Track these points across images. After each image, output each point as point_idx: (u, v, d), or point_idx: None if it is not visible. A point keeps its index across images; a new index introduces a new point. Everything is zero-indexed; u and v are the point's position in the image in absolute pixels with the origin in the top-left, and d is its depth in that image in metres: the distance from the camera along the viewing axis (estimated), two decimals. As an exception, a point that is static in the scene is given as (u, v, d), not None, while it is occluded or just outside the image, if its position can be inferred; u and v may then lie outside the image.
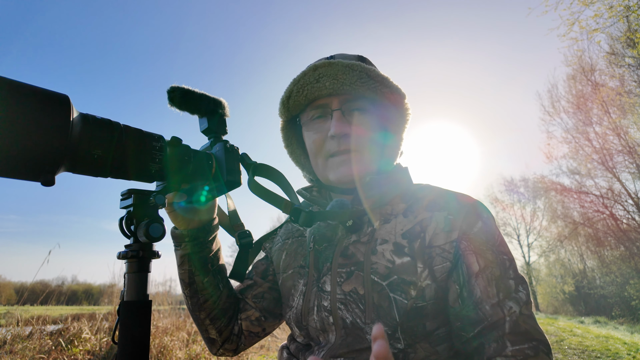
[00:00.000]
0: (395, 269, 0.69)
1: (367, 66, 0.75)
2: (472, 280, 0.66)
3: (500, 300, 0.64)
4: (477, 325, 0.64)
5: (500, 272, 0.67)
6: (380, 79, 0.75)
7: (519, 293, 0.65)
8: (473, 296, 0.66)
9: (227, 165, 0.70)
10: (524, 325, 0.63)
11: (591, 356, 5.88)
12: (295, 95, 0.77)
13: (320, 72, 0.74)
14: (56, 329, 4.18)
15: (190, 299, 0.84)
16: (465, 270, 0.67)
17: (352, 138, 0.75)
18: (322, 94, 0.75)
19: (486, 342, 0.63)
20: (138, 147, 0.56)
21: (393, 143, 0.83)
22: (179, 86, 0.70)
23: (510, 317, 0.63)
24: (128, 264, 0.57)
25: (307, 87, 0.75)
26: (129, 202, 0.57)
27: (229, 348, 0.90)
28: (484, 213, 0.72)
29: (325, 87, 0.73)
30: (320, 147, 0.78)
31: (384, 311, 0.67)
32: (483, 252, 0.68)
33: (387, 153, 0.82)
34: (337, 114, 0.75)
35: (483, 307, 0.64)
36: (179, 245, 0.81)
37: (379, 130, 0.79)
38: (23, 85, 0.44)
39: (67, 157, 0.47)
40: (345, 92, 0.74)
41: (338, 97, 0.76)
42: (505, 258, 0.69)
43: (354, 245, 0.75)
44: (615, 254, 17.34)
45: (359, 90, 0.74)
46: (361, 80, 0.73)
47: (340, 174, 0.76)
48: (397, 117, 0.82)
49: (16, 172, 0.44)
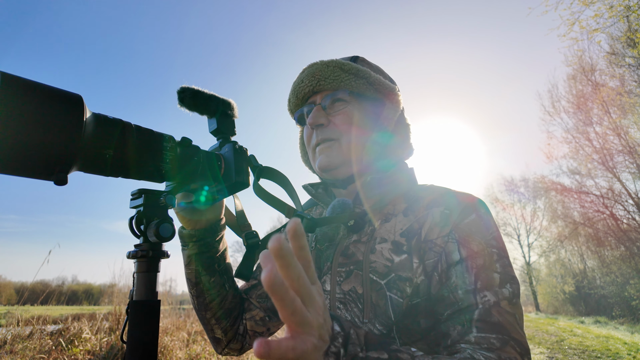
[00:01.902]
0: (394, 267, 0.69)
1: (341, 61, 0.80)
2: (451, 268, 0.65)
3: (477, 288, 0.62)
4: (448, 308, 0.63)
5: (484, 262, 0.64)
6: (355, 72, 0.79)
7: (502, 289, 0.62)
8: (449, 281, 0.64)
9: (235, 166, 0.70)
10: (497, 316, 0.59)
11: (591, 356, 5.88)
12: (291, 96, 0.85)
13: (304, 72, 0.82)
14: (56, 329, 4.18)
15: (196, 298, 0.84)
16: (445, 258, 0.66)
17: (330, 127, 0.80)
18: (307, 92, 0.82)
19: (451, 325, 0.62)
20: (149, 147, 0.56)
21: (385, 139, 0.82)
22: (189, 87, 0.70)
23: (482, 304, 0.60)
24: (137, 264, 0.57)
25: (296, 87, 0.84)
26: (139, 201, 0.58)
27: (234, 348, 0.90)
28: (481, 209, 0.71)
29: (306, 85, 0.81)
30: (309, 140, 0.84)
31: (380, 310, 0.67)
32: (468, 243, 0.66)
33: (379, 149, 0.81)
34: (316, 107, 0.81)
35: (456, 291, 0.63)
36: (186, 245, 0.81)
37: (363, 120, 0.80)
38: (37, 85, 0.44)
39: (79, 156, 0.47)
40: (325, 87, 0.80)
41: (321, 93, 0.82)
42: (494, 252, 0.66)
43: (355, 244, 0.76)
44: (616, 254, 17.33)
45: (336, 84, 0.79)
46: (334, 74, 0.79)
47: (320, 162, 0.80)
48: (387, 111, 0.82)
49: (29, 171, 0.44)
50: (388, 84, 0.82)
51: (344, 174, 0.80)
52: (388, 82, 0.82)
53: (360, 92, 0.80)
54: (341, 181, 0.82)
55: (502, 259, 0.66)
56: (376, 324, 0.68)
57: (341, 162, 0.79)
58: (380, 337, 0.54)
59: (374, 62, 0.90)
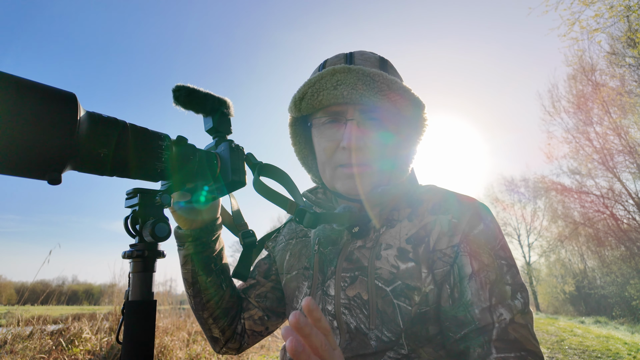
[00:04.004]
0: (400, 274, 0.68)
1: (389, 77, 0.70)
2: (465, 282, 0.65)
3: (492, 305, 0.63)
4: (464, 327, 0.64)
5: (496, 276, 0.65)
6: (402, 92, 0.70)
7: (515, 300, 0.63)
8: (463, 297, 0.65)
9: (232, 165, 0.70)
10: (513, 334, 0.61)
11: (592, 356, 5.88)
12: (309, 97, 0.72)
13: (338, 78, 0.69)
14: (57, 328, 4.18)
15: (193, 298, 0.84)
16: (457, 272, 0.66)
17: (364, 151, 0.71)
18: (339, 102, 0.70)
19: (471, 346, 0.62)
20: (144, 146, 0.56)
21: (407, 156, 0.79)
22: (184, 85, 0.70)
23: (499, 323, 0.61)
24: (133, 264, 0.56)
25: (322, 92, 0.70)
26: (134, 201, 0.57)
27: (232, 347, 0.90)
28: (487, 216, 0.71)
29: (343, 96, 0.68)
30: (330, 155, 0.74)
31: (388, 317, 0.67)
32: (479, 255, 0.66)
33: (400, 165, 0.79)
34: (352, 125, 0.70)
35: (472, 310, 0.63)
36: (182, 245, 0.81)
37: (393, 143, 0.75)
38: (29, 83, 0.43)
39: (73, 155, 0.47)
40: (363, 102, 0.69)
41: (354, 105, 0.71)
42: (504, 263, 0.67)
43: (359, 250, 0.75)
44: (616, 254, 17.32)
45: (378, 102, 0.69)
46: (382, 92, 0.68)
47: (349, 187, 0.73)
48: (414, 129, 0.79)
49: (22, 171, 0.44)
50: (422, 102, 0.75)
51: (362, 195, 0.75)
52: (421, 99, 0.75)
53: (399, 111, 0.73)
54: None
55: (511, 268, 0.67)
56: (384, 330, 0.67)
57: (368, 187, 0.73)
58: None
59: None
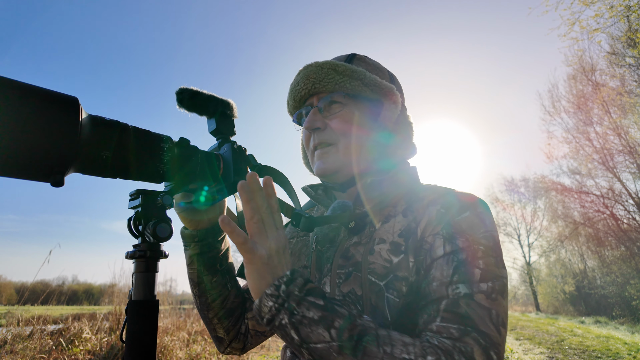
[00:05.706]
0: (393, 267, 0.69)
1: (335, 62, 0.78)
2: (434, 262, 0.65)
3: (452, 281, 0.61)
4: (422, 300, 0.64)
5: (465, 257, 0.62)
6: (349, 73, 0.78)
7: (481, 284, 0.60)
8: (429, 274, 0.65)
9: (234, 166, 0.70)
10: (465, 308, 0.58)
11: (592, 356, 5.89)
12: (289, 99, 0.85)
13: (300, 74, 0.81)
14: (57, 328, 4.19)
15: (198, 298, 0.85)
16: (430, 254, 0.66)
17: (327, 131, 0.79)
18: (303, 95, 0.81)
19: (420, 315, 0.63)
20: (146, 148, 0.56)
21: (385, 139, 0.81)
22: (188, 87, 0.70)
23: (452, 296, 0.60)
24: (136, 264, 0.57)
25: (292, 90, 0.82)
26: (137, 202, 0.58)
27: (236, 347, 0.90)
28: (479, 207, 0.70)
29: (302, 88, 0.80)
30: (307, 143, 0.83)
31: (379, 312, 0.67)
32: (454, 239, 0.65)
33: (379, 149, 0.80)
34: (312, 110, 0.80)
35: (431, 284, 0.63)
36: (188, 245, 0.82)
37: (361, 121, 0.79)
38: (33, 88, 0.44)
39: (76, 158, 0.47)
40: (320, 90, 0.79)
41: (317, 95, 0.81)
42: (480, 248, 0.63)
43: (354, 246, 0.75)
44: (616, 254, 17.32)
45: (331, 87, 0.78)
46: (329, 76, 0.77)
47: (318, 167, 0.79)
48: (386, 111, 0.81)
49: (26, 173, 0.44)
50: (385, 84, 0.80)
51: (342, 177, 0.79)
52: (385, 82, 0.80)
53: (356, 93, 0.79)
54: (340, 184, 0.81)
55: (487, 257, 0.63)
56: None
57: (339, 167, 0.78)
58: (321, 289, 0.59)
59: (374, 59, 0.89)
